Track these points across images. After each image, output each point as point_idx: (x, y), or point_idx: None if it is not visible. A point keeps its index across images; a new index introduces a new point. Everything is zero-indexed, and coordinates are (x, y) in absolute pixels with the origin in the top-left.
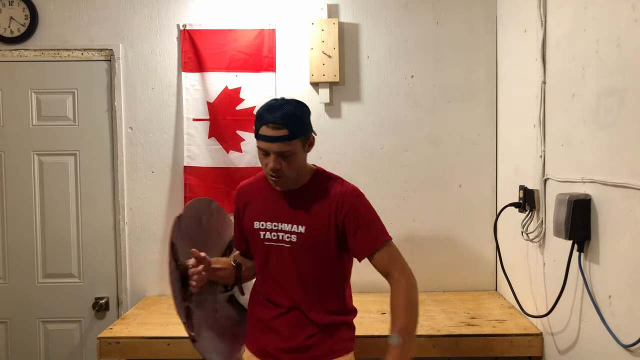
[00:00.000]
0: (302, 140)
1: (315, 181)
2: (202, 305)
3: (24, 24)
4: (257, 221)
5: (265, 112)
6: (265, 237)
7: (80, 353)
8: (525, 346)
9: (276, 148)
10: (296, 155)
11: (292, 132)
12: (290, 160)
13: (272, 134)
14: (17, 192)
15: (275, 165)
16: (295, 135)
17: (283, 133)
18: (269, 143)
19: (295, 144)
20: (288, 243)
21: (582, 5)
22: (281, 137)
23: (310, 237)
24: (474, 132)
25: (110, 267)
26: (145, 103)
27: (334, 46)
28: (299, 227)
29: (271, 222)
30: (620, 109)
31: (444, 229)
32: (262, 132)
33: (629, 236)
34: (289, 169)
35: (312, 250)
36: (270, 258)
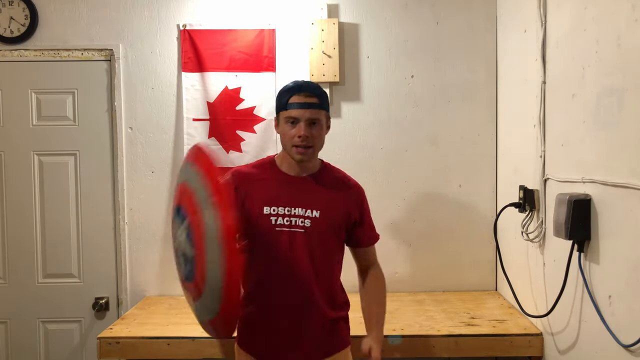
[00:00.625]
0: (326, 115)
1: (325, 171)
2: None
3: (24, 24)
4: (266, 206)
5: (294, 86)
6: (277, 223)
7: (80, 353)
8: (525, 346)
9: (308, 115)
10: (322, 127)
11: (322, 102)
12: (318, 130)
13: (305, 101)
14: (17, 192)
15: (306, 132)
16: (324, 106)
17: (314, 100)
18: (301, 110)
19: (322, 115)
20: (302, 228)
21: (582, 5)
22: (313, 104)
23: (324, 222)
24: (474, 132)
25: (110, 267)
26: (145, 103)
27: (334, 46)
28: (313, 211)
29: (284, 207)
30: (620, 109)
31: (444, 229)
32: (294, 100)
33: (629, 236)
34: (316, 140)
35: (325, 236)
36: (280, 245)
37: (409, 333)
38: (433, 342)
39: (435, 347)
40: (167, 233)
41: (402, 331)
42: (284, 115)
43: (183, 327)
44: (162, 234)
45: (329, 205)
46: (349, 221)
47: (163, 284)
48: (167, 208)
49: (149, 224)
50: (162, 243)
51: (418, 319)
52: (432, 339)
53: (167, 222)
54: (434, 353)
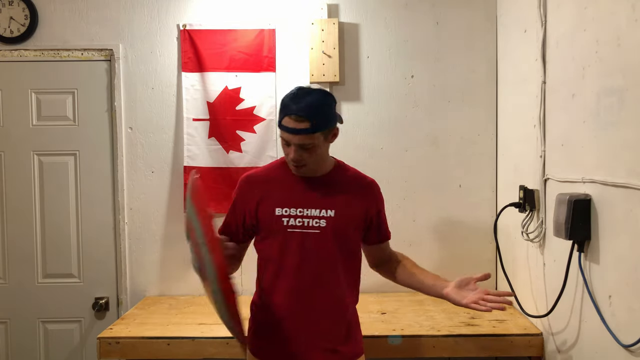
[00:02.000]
0: (324, 133)
1: (338, 170)
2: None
3: (24, 24)
4: (279, 207)
5: (290, 102)
6: (289, 224)
7: (80, 353)
8: (525, 346)
9: (297, 140)
10: (317, 147)
11: (315, 125)
12: (311, 152)
13: (294, 126)
14: (17, 192)
15: (296, 156)
16: (318, 128)
17: (305, 126)
18: (290, 135)
19: (317, 137)
20: (317, 229)
21: (582, 5)
22: (303, 130)
23: (340, 221)
24: (474, 132)
25: (110, 267)
26: (145, 103)
27: (334, 46)
28: (328, 211)
29: (296, 208)
30: (620, 109)
31: (444, 229)
32: (285, 123)
33: (629, 236)
34: (310, 159)
35: (343, 235)
36: (290, 246)
37: (409, 333)
38: (433, 342)
39: (435, 347)
40: (167, 233)
41: (402, 331)
42: (279, 132)
43: (183, 327)
44: (162, 234)
45: (345, 204)
46: (367, 218)
47: (163, 284)
48: (167, 208)
49: (149, 224)
50: (162, 243)
51: (418, 319)
52: (432, 339)
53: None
54: (434, 353)
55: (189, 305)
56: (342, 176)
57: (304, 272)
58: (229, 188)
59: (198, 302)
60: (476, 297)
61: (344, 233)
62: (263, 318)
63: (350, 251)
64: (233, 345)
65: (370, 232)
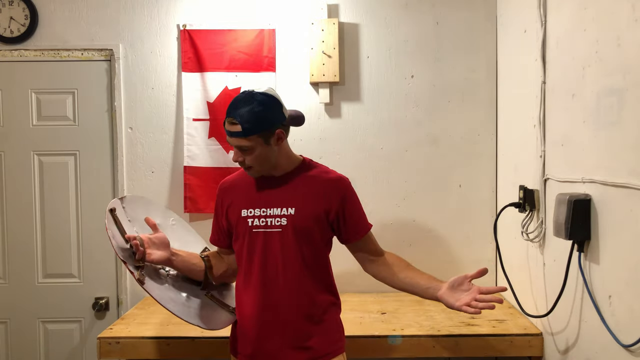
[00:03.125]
0: (262, 135)
1: (302, 169)
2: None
3: (24, 24)
4: (244, 209)
5: (230, 106)
6: (254, 224)
7: (80, 353)
8: (525, 346)
9: (234, 142)
10: (256, 150)
11: (247, 129)
12: (251, 154)
13: (229, 129)
14: (17, 192)
15: (236, 157)
16: (251, 132)
17: (237, 129)
18: (228, 137)
19: (253, 140)
20: (279, 227)
21: (582, 5)
22: (236, 133)
23: (299, 218)
24: (474, 132)
25: (110, 267)
26: (145, 103)
27: (334, 46)
28: (288, 209)
29: (259, 208)
30: (620, 109)
31: (444, 229)
32: (225, 125)
33: (629, 236)
34: (252, 161)
35: (303, 232)
36: (256, 246)
37: (409, 333)
38: (433, 342)
39: (435, 347)
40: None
41: (402, 331)
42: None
43: (183, 327)
44: None
45: (303, 200)
46: (329, 214)
47: None
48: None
49: None
50: None
51: (418, 319)
52: (432, 339)
53: None
54: (434, 353)
55: None
56: (306, 174)
57: (268, 270)
58: None
59: None
60: (469, 299)
61: (305, 230)
62: (238, 317)
63: (314, 248)
64: None
65: (342, 230)
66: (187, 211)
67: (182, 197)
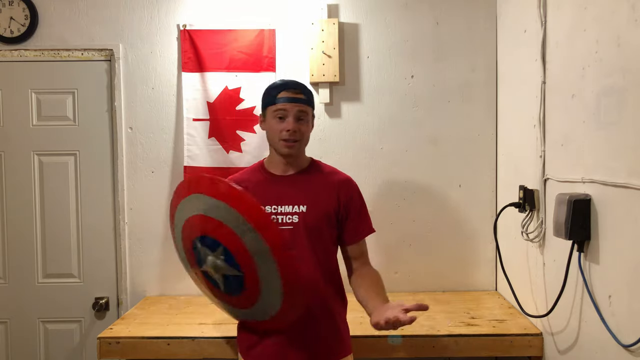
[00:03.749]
0: (312, 113)
1: (313, 167)
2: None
3: (24, 24)
4: None
5: (282, 83)
6: None
7: (80, 353)
8: (525, 346)
9: (297, 109)
10: (309, 122)
11: (308, 98)
12: (305, 124)
13: (294, 96)
14: (17, 192)
15: (294, 126)
16: (310, 102)
17: (302, 96)
18: (290, 104)
19: (309, 111)
20: (290, 225)
21: (582, 5)
22: (301, 99)
23: (311, 216)
24: (474, 132)
25: (110, 267)
26: (145, 103)
27: (334, 46)
28: (300, 207)
29: (270, 205)
30: (620, 109)
31: (444, 229)
32: (283, 95)
33: (629, 236)
34: (305, 131)
35: (314, 230)
36: None
37: (409, 333)
38: (433, 342)
39: (435, 347)
40: (167, 233)
41: (402, 331)
42: (272, 110)
43: (183, 327)
44: (162, 234)
45: (316, 198)
46: (337, 213)
47: (163, 284)
48: (167, 208)
49: (149, 224)
50: (162, 243)
51: (418, 319)
52: (432, 339)
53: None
54: (434, 353)
55: (189, 305)
56: (317, 172)
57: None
58: None
59: (198, 302)
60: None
61: (316, 228)
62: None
63: (325, 247)
64: (233, 345)
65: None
66: None
67: None
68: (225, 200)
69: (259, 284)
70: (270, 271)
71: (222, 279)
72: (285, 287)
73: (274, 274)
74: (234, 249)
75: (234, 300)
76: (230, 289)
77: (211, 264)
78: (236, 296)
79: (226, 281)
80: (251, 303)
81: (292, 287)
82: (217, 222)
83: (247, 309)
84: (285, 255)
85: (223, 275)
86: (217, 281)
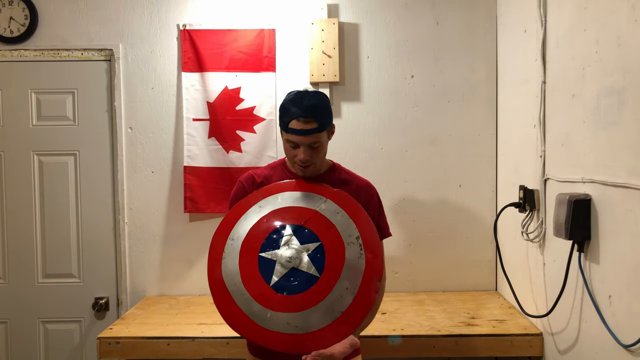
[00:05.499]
0: (327, 132)
1: (334, 171)
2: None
3: (24, 24)
4: None
5: (293, 106)
6: None
7: (80, 353)
8: (525, 346)
9: (307, 141)
10: (323, 145)
11: (321, 124)
12: (319, 150)
13: (304, 127)
14: (17, 192)
15: (306, 156)
16: (324, 127)
17: (314, 126)
18: (300, 136)
19: (322, 136)
20: None
21: (582, 5)
22: (312, 130)
23: None
24: (474, 132)
25: (110, 267)
26: (145, 103)
27: (334, 46)
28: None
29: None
30: (620, 109)
31: (444, 229)
32: (293, 125)
33: (629, 236)
34: (317, 158)
35: None
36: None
37: (409, 333)
38: (433, 342)
39: (435, 347)
40: (167, 233)
41: (402, 331)
42: (284, 137)
43: (183, 327)
44: (162, 234)
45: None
46: None
47: (163, 284)
48: (167, 208)
49: (149, 224)
50: (162, 243)
51: (418, 319)
52: (432, 339)
53: (168, 222)
54: (434, 353)
55: (189, 305)
56: (338, 175)
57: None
58: (229, 188)
59: (198, 302)
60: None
61: None
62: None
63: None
64: (233, 345)
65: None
66: (187, 211)
67: (182, 197)
68: (348, 211)
69: (329, 293)
70: (348, 289)
71: (285, 273)
72: (349, 311)
73: (349, 295)
74: (329, 251)
75: (276, 299)
76: (285, 287)
77: (289, 254)
78: (285, 295)
79: (287, 276)
80: (299, 308)
81: (355, 316)
82: (329, 222)
83: (286, 312)
84: (373, 285)
85: (292, 269)
86: (274, 273)
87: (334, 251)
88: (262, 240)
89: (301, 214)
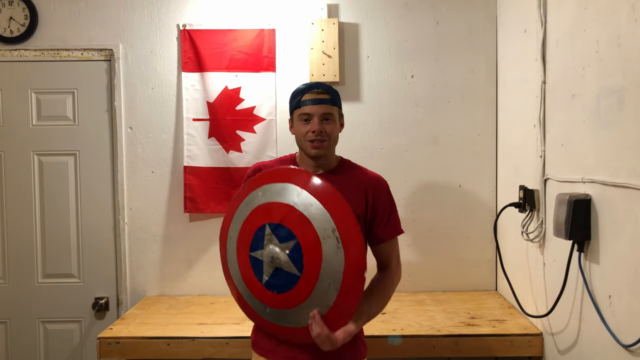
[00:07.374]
0: (338, 111)
1: (343, 166)
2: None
3: (24, 24)
4: None
5: (306, 86)
6: None
7: (80, 353)
8: (525, 346)
9: (321, 110)
10: (335, 122)
11: (333, 98)
12: (331, 124)
13: (317, 97)
14: (17, 192)
15: (319, 127)
16: (336, 102)
17: (326, 97)
18: (314, 106)
19: (335, 111)
20: None
21: (582, 5)
22: (325, 100)
23: None
24: (474, 132)
25: (110, 267)
26: (145, 103)
27: (334, 46)
28: None
29: None
30: (620, 109)
31: (444, 229)
32: (306, 97)
33: (629, 236)
34: (332, 131)
35: None
36: None
37: (409, 333)
38: (433, 342)
39: (435, 347)
40: (167, 233)
41: (402, 331)
42: (297, 113)
43: (183, 327)
44: (162, 234)
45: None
46: (365, 214)
47: (163, 284)
48: (167, 208)
49: (149, 224)
50: (162, 243)
51: (418, 319)
52: (432, 339)
53: (168, 222)
54: (434, 353)
55: (189, 305)
56: (348, 170)
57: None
58: (229, 188)
59: (198, 302)
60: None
61: None
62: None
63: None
64: (233, 345)
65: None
66: (187, 211)
67: (182, 197)
68: (322, 202)
69: (311, 291)
70: (330, 286)
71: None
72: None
73: (333, 291)
74: (306, 249)
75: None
76: (274, 285)
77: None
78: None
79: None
80: (290, 306)
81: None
82: (304, 217)
83: (280, 309)
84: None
85: (275, 268)
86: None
87: (311, 248)
88: (251, 239)
89: (277, 210)
